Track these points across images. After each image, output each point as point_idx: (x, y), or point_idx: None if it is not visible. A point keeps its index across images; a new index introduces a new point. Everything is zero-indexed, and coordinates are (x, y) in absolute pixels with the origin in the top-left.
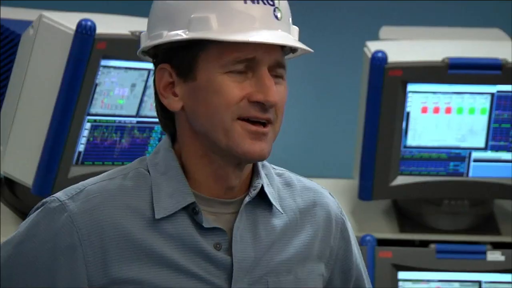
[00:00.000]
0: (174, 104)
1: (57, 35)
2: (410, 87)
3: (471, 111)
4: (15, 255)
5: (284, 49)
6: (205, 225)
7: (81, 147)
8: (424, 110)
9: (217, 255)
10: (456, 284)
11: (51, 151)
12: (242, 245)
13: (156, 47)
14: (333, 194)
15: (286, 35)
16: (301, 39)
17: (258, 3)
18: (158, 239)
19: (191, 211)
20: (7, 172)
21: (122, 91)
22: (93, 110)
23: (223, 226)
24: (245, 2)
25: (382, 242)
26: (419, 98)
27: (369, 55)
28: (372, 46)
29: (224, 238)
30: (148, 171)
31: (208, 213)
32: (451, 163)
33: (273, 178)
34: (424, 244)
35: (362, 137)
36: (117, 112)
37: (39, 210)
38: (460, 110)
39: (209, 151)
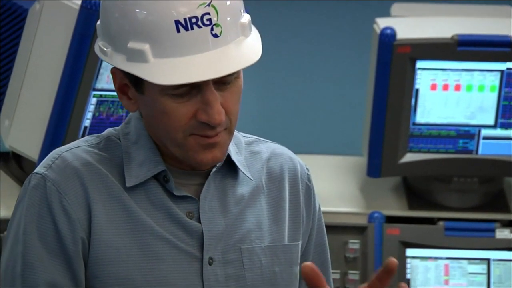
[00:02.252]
0: (129, 106)
1: (62, 10)
2: (419, 64)
3: (481, 88)
4: (26, 243)
5: None
6: (176, 193)
7: (87, 122)
8: (433, 87)
9: (190, 223)
10: (465, 262)
11: (57, 125)
12: (211, 214)
13: None
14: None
15: (226, 55)
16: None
17: (192, 28)
18: (132, 205)
19: (162, 179)
20: (13, 146)
21: None
22: (98, 85)
23: (193, 196)
24: (178, 31)
25: (391, 219)
26: (428, 75)
27: (378, 32)
28: (381, 23)
29: (195, 207)
30: (119, 140)
31: (177, 184)
32: (460, 141)
33: (241, 147)
34: (433, 221)
35: (371, 114)
36: None
37: (26, 194)
38: (469, 87)
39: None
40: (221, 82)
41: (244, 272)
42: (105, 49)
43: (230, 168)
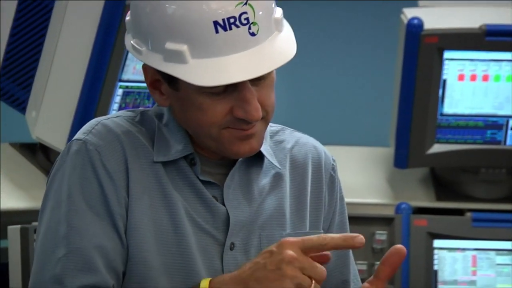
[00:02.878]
0: (161, 101)
1: (88, 1)
2: (447, 54)
3: (509, 78)
4: (71, 206)
5: None
6: (201, 177)
7: (112, 113)
8: (461, 77)
9: (217, 205)
10: (492, 253)
11: (83, 116)
12: (236, 202)
13: None
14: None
15: (263, 54)
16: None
17: (230, 28)
18: (165, 178)
19: (189, 161)
20: (39, 137)
21: None
22: (125, 76)
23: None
24: (217, 32)
25: (418, 211)
26: (455, 66)
27: (405, 22)
28: (409, 13)
29: (219, 194)
30: (154, 118)
31: (203, 171)
32: (488, 131)
33: (266, 136)
34: (460, 212)
35: (398, 105)
36: None
37: (67, 160)
38: (497, 78)
39: None
40: (257, 78)
41: None
42: (140, 48)
43: (255, 157)
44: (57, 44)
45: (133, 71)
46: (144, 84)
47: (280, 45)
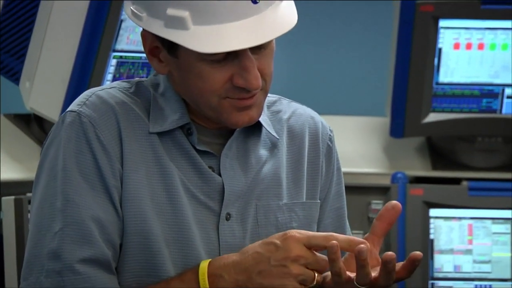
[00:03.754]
0: (160, 68)
1: None
2: (442, 22)
3: (504, 47)
4: (66, 178)
5: None
6: (198, 147)
7: (107, 84)
8: (457, 46)
9: (212, 175)
10: (488, 222)
11: (77, 87)
12: (232, 172)
13: None
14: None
15: (264, 22)
16: None
17: None
18: (160, 149)
19: (186, 131)
20: (34, 108)
21: None
22: (118, 46)
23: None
24: None
25: (414, 180)
26: (451, 34)
27: None
28: None
29: (216, 163)
30: (149, 88)
31: (200, 141)
32: (484, 100)
33: (264, 106)
34: (457, 181)
35: (394, 75)
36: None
37: (61, 131)
38: (493, 46)
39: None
40: (257, 47)
41: (258, 229)
42: (140, 14)
43: (253, 127)
44: (50, 14)
45: (126, 41)
46: (138, 54)
47: (282, 14)
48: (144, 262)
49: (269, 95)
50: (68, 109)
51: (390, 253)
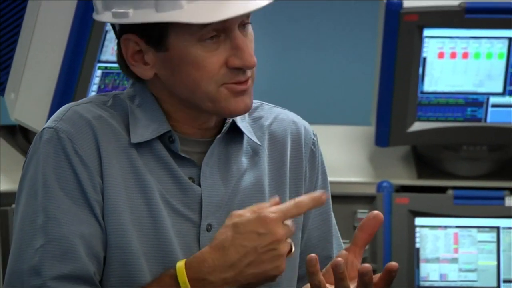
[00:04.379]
0: (145, 72)
1: None
2: (426, 32)
3: (489, 55)
4: (47, 195)
5: None
6: (181, 154)
7: (92, 94)
8: (441, 55)
9: (191, 186)
10: (474, 230)
11: (62, 98)
12: (211, 181)
13: None
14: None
15: None
16: None
17: None
18: (138, 161)
19: (167, 140)
20: (19, 119)
21: None
22: (103, 57)
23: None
24: None
25: (400, 189)
26: (435, 43)
27: (385, 0)
28: None
29: (197, 173)
30: (126, 100)
31: (181, 150)
32: (469, 109)
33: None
34: (442, 190)
35: (379, 84)
36: None
37: (39, 148)
38: (477, 55)
39: (191, 108)
40: (242, 25)
41: None
42: (126, 11)
43: (234, 135)
44: (35, 25)
45: (111, 52)
46: None
47: None
48: (124, 275)
49: None
50: (45, 125)
51: (366, 265)
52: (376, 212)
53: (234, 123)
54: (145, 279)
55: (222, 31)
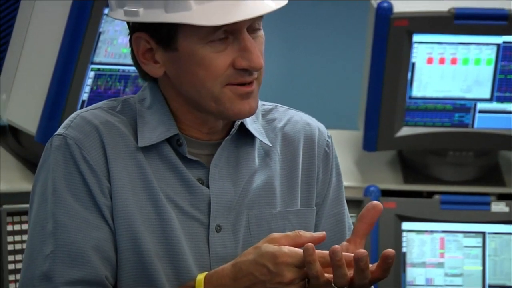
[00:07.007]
0: (155, 70)
1: None
2: (416, 37)
3: (477, 61)
4: (57, 201)
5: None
6: (189, 156)
7: (84, 96)
8: (430, 60)
9: (200, 187)
10: (460, 235)
11: (55, 99)
12: (220, 182)
13: None
14: (335, 142)
15: None
16: None
17: None
18: (146, 166)
19: (175, 143)
20: (10, 120)
21: (126, 40)
22: (96, 58)
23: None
24: None
25: (387, 193)
26: (424, 49)
27: (375, 6)
28: None
29: (205, 174)
30: (136, 104)
31: (189, 152)
32: (456, 114)
33: (258, 115)
34: (429, 195)
35: (367, 88)
36: (121, 61)
37: (50, 155)
38: (465, 61)
39: (196, 109)
40: (252, 29)
41: (251, 238)
42: (137, 9)
43: (246, 137)
44: (28, 25)
45: (105, 54)
46: (116, 67)
47: None
48: (139, 277)
49: (265, 103)
50: (56, 132)
51: (361, 250)
52: (375, 202)
53: (244, 126)
54: (160, 279)
55: (231, 32)
